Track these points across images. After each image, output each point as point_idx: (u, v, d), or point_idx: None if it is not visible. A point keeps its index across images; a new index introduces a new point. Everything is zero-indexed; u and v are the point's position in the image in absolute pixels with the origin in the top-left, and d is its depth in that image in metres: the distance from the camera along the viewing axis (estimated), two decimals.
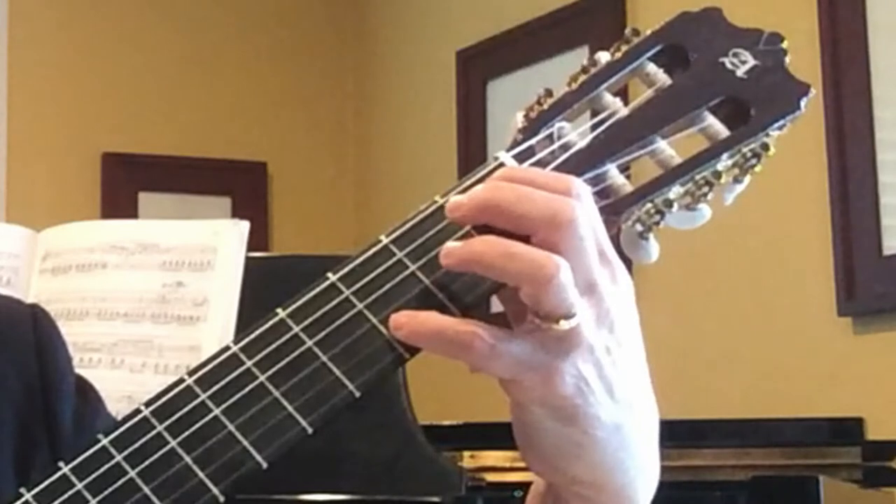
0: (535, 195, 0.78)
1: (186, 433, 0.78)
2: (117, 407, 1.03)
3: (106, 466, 0.78)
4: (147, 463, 0.78)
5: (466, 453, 2.49)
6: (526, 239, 0.78)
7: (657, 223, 0.85)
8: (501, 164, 0.84)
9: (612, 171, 0.85)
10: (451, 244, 0.78)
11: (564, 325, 0.77)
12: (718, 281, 3.28)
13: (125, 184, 4.27)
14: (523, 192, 0.78)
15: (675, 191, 0.85)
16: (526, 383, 0.79)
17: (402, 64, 4.43)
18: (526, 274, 0.76)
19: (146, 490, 0.77)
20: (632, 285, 0.82)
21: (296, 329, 0.80)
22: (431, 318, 0.78)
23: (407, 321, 0.78)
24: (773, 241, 3.16)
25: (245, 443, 0.78)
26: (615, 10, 3.60)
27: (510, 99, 3.91)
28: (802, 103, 0.86)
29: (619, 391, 0.81)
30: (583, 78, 0.88)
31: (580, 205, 0.78)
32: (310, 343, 0.79)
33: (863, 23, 2.98)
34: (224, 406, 0.78)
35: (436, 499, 2.09)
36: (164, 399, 0.79)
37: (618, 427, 0.81)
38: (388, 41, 4.50)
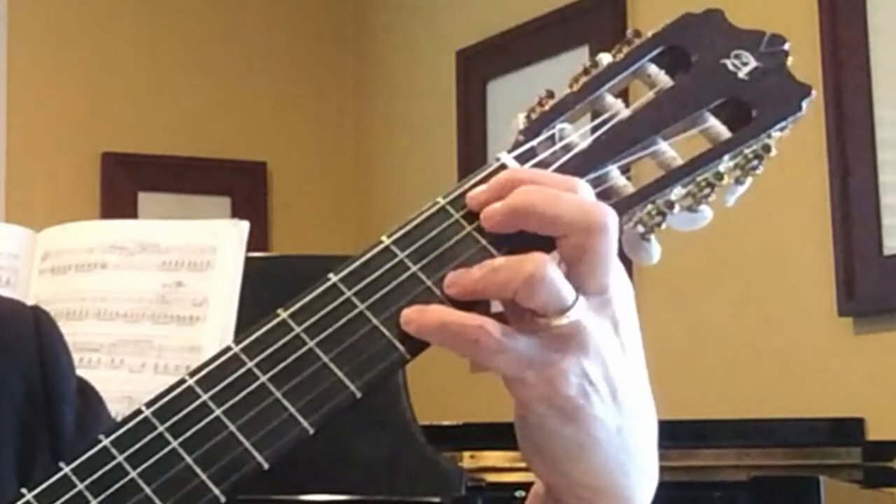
0: (564, 197, 0.79)
1: (187, 434, 0.78)
2: (117, 408, 1.03)
3: (107, 467, 0.77)
4: (148, 463, 0.77)
5: (466, 453, 2.49)
6: (548, 244, 0.79)
7: (659, 224, 0.85)
8: (503, 166, 0.84)
9: (613, 172, 0.85)
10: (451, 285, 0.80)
11: (564, 320, 0.78)
12: (719, 281, 3.28)
13: (125, 184, 4.27)
14: (552, 194, 0.79)
15: (676, 192, 0.85)
16: (530, 381, 0.79)
17: (402, 64, 4.43)
18: (512, 280, 0.77)
19: (147, 491, 0.77)
20: (632, 288, 0.82)
21: (297, 330, 0.79)
22: (438, 312, 0.78)
23: (417, 316, 0.79)
24: (773, 241, 3.16)
25: (246, 443, 0.77)
26: (615, 10, 3.60)
27: (510, 99, 3.91)
28: (804, 105, 0.87)
29: (621, 393, 0.81)
30: (584, 79, 0.88)
31: (611, 210, 0.79)
32: (311, 344, 0.79)
33: (863, 23, 2.99)
34: (225, 407, 0.78)
35: (436, 499, 2.09)
36: (165, 400, 0.79)
37: (619, 429, 0.81)
38: (388, 41, 4.51)
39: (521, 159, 0.84)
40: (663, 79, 0.88)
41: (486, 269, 0.79)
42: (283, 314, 0.80)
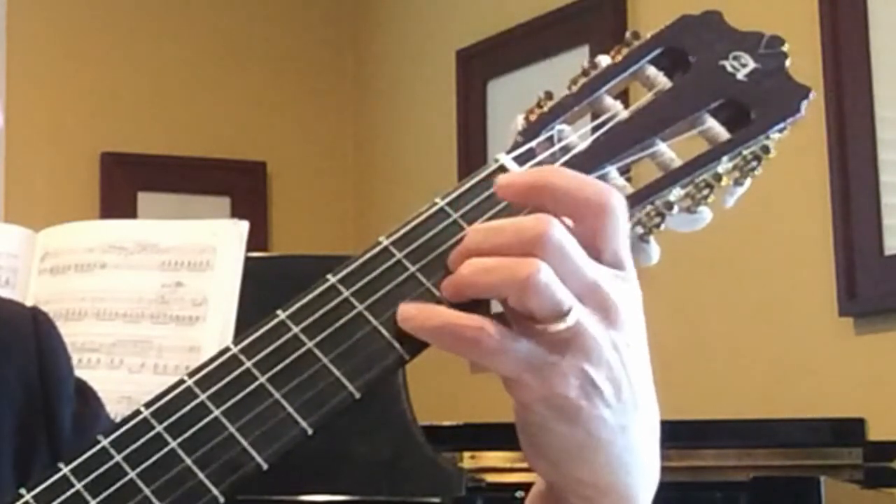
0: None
1: (186, 434, 0.78)
2: (116, 408, 1.03)
3: (105, 467, 0.77)
4: (147, 464, 0.77)
5: (466, 454, 2.49)
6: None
7: (658, 225, 0.85)
8: (502, 167, 0.84)
9: (612, 173, 0.85)
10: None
11: (561, 325, 0.77)
12: (720, 281, 3.28)
13: (124, 183, 4.27)
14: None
15: (675, 193, 0.85)
16: (529, 382, 0.78)
17: (402, 64, 4.43)
18: (505, 281, 0.77)
19: (146, 491, 0.77)
20: (639, 287, 0.82)
21: (296, 330, 0.79)
22: (439, 312, 0.78)
23: (416, 314, 0.78)
24: (774, 241, 3.16)
25: (245, 444, 0.77)
26: (615, 10, 3.60)
27: (510, 99, 3.91)
28: (803, 106, 0.86)
29: (626, 392, 0.80)
30: (583, 81, 0.88)
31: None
32: (310, 344, 0.79)
33: (864, 23, 2.99)
34: (224, 407, 0.78)
35: (436, 499, 2.09)
36: (163, 400, 0.79)
37: (623, 428, 0.80)
38: (388, 41, 4.50)
39: (520, 160, 0.84)
40: (662, 80, 0.88)
41: (476, 268, 0.78)
42: (282, 315, 0.80)
